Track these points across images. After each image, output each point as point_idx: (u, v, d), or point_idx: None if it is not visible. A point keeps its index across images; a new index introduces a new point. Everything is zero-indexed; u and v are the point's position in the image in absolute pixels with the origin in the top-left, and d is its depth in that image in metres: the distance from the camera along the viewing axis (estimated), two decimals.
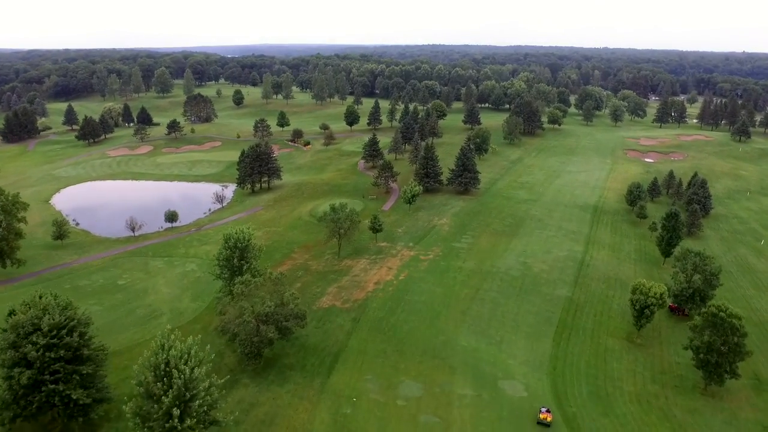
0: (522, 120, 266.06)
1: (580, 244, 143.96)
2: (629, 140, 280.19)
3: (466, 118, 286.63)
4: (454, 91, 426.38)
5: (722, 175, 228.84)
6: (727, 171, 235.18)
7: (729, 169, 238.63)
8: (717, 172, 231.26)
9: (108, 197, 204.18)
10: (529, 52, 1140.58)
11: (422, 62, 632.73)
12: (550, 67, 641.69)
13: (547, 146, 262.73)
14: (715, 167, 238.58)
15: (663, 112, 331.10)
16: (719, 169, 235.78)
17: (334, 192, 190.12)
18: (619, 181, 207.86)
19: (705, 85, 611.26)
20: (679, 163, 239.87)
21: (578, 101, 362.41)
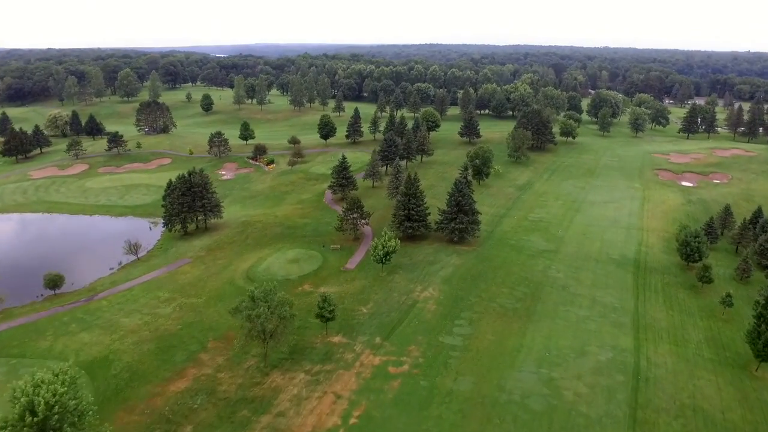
0: (530, 133, 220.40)
1: (627, 334, 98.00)
2: (657, 156, 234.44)
3: (463, 129, 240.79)
4: (450, 95, 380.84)
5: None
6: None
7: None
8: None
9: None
10: (529, 52, 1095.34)
11: (416, 62, 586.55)
12: (553, 68, 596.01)
13: (561, 165, 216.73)
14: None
15: (690, 120, 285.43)
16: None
17: (287, 236, 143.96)
18: (657, 217, 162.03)
19: (721, 87, 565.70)
20: (724, 188, 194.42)
21: (591, 107, 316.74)
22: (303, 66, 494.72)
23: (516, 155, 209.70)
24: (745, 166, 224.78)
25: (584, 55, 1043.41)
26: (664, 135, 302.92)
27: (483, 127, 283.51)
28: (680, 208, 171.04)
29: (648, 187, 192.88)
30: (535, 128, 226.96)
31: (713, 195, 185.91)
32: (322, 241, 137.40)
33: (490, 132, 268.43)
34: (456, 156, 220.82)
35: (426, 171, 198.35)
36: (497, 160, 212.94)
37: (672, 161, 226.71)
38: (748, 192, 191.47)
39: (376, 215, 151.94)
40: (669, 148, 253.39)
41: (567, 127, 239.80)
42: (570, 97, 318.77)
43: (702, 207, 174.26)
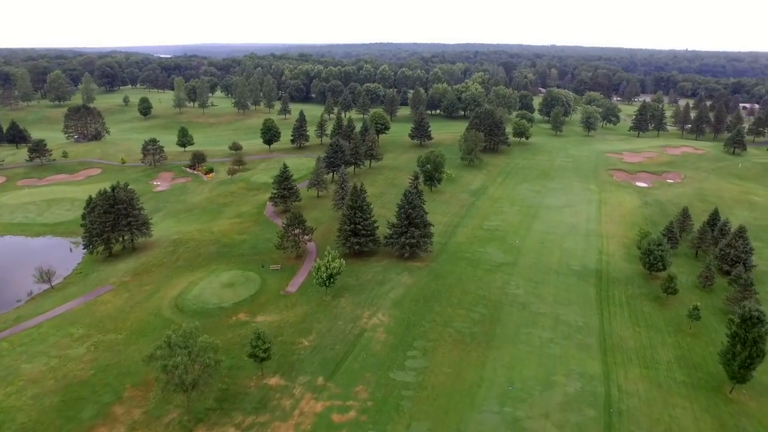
0: (483, 134, 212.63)
1: (594, 358, 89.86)
2: (611, 156, 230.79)
3: (413, 131, 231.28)
4: (400, 95, 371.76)
5: (733, 203, 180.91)
6: (737, 196, 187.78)
7: (738, 193, 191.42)
8: (726, 199, 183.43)
9: None
10: (479, 51, 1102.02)
11: (365, 62, 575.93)
12: (503, 66, 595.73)
13: (515, 167, 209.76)
14: (722, 192, 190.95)
15: (640, 119, 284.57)
16: (727, 195, 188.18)
17: (223, 256, 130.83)
18: (616, 222, 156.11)
19: (665, 84, 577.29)
20: (678, 188, 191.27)
21: (543, 106, 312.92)
22: (248, 67, 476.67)
23: (469, 158, 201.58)
24: (695, 165, 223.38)
25: (533, 53, 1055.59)
26: (616, 133, 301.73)
27: (434, 129, 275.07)
28: (637, 211, 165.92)
29: (604, 188, 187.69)
30: (487, 129, 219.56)
31: (668, 196, 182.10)
32: (261, 261, 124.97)
33: (441, 133, 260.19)
34: (407, 160, 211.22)
35: (375, 177, 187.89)
36: (449, 164, 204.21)
37: (625, 161, 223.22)
38: (701, 192, 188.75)
39: (321, 229, 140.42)
40: (621, 147, 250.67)
41: (520, 128, 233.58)
42: (522, 96, 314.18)
43: (659, 209, 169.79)
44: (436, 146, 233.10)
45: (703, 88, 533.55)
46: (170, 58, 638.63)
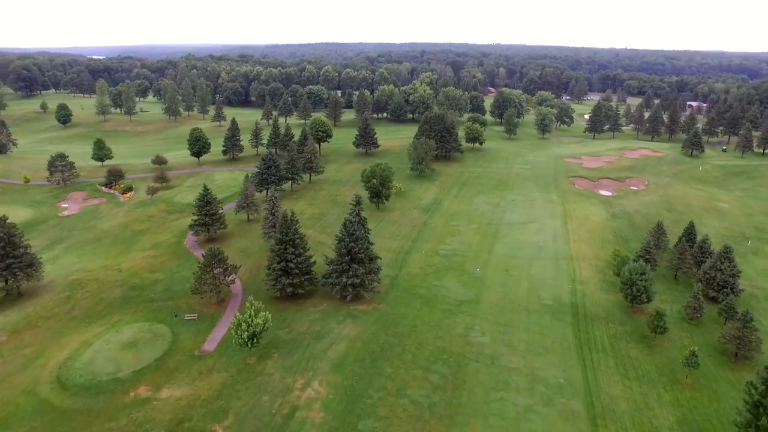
0: (434, 141, 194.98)
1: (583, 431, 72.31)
2: (570, 161, 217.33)
3: (358, 139, 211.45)
4: (345, 97, 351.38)
5: (702, 212, 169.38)
6: (704, 203, 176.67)
7: (704, 200, 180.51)
8: (694, 207, 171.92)
9: None
10: (425, 50, 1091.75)
11: (308, 63, 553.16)
12: (451, 66, 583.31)
13: (470, 177, 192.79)
14: (688, 199, 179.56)
15: (595, 120, 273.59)
16: (694, 202, 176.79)
17: (129, 302, 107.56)
18: (584, 239, 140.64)
19: (612, 83, 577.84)
20: (644, 196, 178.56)
21: (495, 107, 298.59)
22: (182, 69, 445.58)
23: (419, 168, 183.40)
24: (657, 169, 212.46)
25: (479, 52, 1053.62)
26: (570, 134, 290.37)
27: (381, 135, 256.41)
28: (605, 225, 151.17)
29: (567, 199, 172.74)
30: (438, 135, 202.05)
31: (635, 205, 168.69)
32: (174, 309, 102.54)
33: (389, 140, 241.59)
34: (351, 172, 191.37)
35: (315, 194, 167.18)
36: (398, 175, 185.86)
37: (585, 166, 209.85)
38: (667, 199, 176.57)
39: (249, 263, 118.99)
40: (579, 151, 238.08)
41: (473, 133, 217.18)
42: (472, 97, 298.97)
43: (627, 221, 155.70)
44: (383, 155, 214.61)
45: (649, 87, 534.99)
46: (100, 60, 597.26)
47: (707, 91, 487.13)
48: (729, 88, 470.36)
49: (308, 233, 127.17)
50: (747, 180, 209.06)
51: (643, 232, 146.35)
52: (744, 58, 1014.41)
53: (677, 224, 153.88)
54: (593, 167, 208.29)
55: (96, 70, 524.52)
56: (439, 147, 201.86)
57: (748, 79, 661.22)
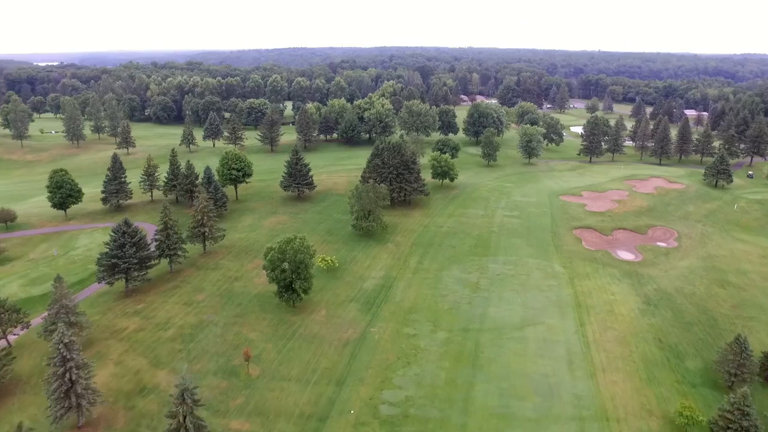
0: (389, 181, 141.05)
1: None
2: (568, 201, 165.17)
3: (286, 178, 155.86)
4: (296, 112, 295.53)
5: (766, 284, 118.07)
6: (763, 269, 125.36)
7: (759, 260, 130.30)
8: (752, 276, 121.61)
9: None
10: (395, 54, 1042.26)
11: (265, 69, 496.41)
12: (420, 71, 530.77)
13: (437, 233, 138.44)
14: (739, 260, 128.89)
15: (592, 140, 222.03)
16: (748, 266, 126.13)
17: None
18: (617, 363, 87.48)
19: (594, 88, 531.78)
20: (681, 260, 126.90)
21: (468, 125, 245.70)
22: (106, 81, 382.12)
23: (364, 226, 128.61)
24: (682, 210, 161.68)
25: (451, 56, 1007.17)
26: (561, 156, 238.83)
27: (326, 164, 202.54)
28: (642, 324, 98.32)
29: (575, 269, 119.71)
30: (394, 173, 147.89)
31: (673, 279, 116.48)
32: None
33: (334, 172, 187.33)
34: (271, 230, 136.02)
35: (204, 278, 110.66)
36: (337, 234, 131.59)
37: (590, 209, 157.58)
38: (712, 263, 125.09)
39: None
40: (577, 183, 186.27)
41: (442, 166, 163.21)
42: (442, 112, 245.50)
43: (671, 313, 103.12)
44: (323, 198, 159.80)
45: (635, 92, 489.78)
46: (23, 68, 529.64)
47: (699, 97, 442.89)
48: (725, 94, 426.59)
49: (157, 379, 71.89)
50: None
51: (699, 333, 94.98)
52: (719, 60, 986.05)
53: (741, 311, 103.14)
54: (601, 210, 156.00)
55: (16, 81, 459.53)
56: (395, 189, 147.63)
57: (733, 82, 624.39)
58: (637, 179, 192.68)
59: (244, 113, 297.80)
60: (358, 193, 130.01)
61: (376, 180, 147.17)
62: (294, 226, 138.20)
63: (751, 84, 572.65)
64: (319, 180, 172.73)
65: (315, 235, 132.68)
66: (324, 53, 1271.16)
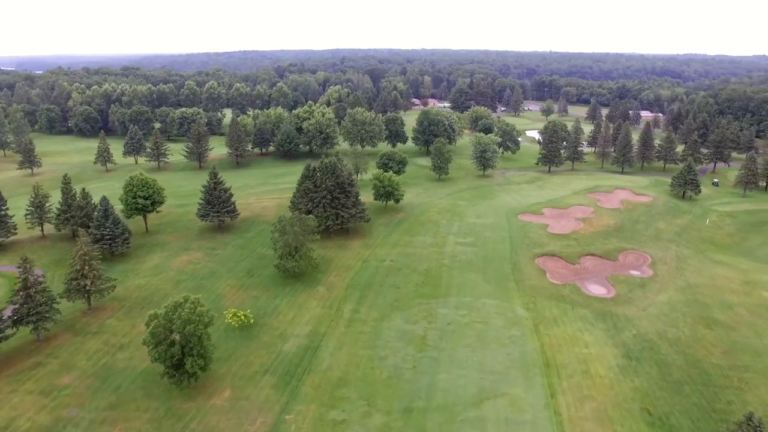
0: (323, 209, 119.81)
1: None
2: (528, 220, 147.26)
3: (203, 206, 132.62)
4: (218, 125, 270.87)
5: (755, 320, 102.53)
6: (748, 299, 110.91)
7: (741, 287, 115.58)
8: (738, 310, 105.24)
9: None
10: (347, 56, 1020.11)
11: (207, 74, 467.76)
12: (370, 75, 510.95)
13: (378, 270, 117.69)
14: (721, 289, 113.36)
15: (551, 147, 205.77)
16: (732, 297, 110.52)
17: None
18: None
19: (547, 90, 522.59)
20: (659, 293, 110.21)
21: (418, 133, 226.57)
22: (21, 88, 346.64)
23: (289, 268, 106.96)
24: (652, 228, 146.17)
25: (403, 58, 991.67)
26: (518, 165, 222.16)
27: (258, 183, 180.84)
28: (623, 387, 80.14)
29: (540, 312, 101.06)
30: (329, 197, 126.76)
31: (653, 319, 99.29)
32: None
33: (264, 193, 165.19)
34: (179, 274, 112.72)
35: (76, 351, 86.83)
36: (259, 274, 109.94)
37: (553, 230, 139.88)
38: (693, 296, 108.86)
39: None
40: (537, 198, 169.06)
41: (386, 186, 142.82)
42: (389, 120, 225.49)
43: (656, 368, 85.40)
44: (248, 227, 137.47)
45: (589, 93, 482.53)
46: None
47: (653, 98, 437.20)
48: (677, 95, 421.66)
49: None
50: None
51: (692, 396, 78.54)
52: (665, 60, 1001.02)
53: (734, 358, 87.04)
54: (565, 232, 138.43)
55: None
56: (330, 216, 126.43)
57: (682, 82, 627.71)
58: (600, 191, 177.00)
59: (175, 123, 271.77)
60: (281, 227, 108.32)
61: (307, 206, 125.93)
62: (208, 267, 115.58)
63: (699, 84, 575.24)
64: (246, 204, 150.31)
65: (231, 278, 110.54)
66: (275, 56, 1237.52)
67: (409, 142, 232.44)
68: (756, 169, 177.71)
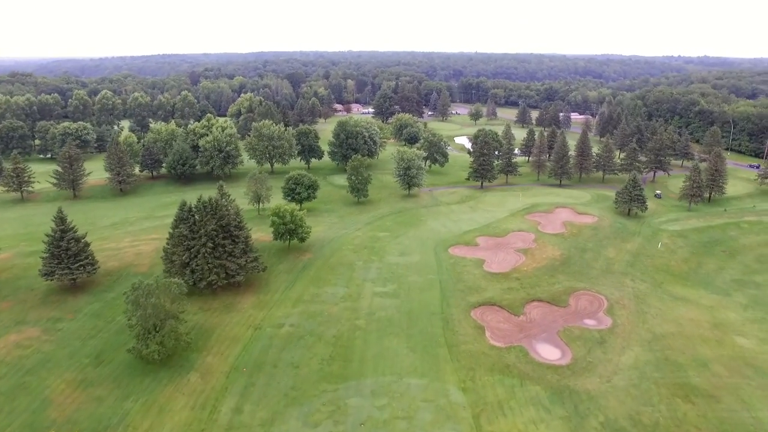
0: (204, 260, 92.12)
1: None
2: (461, 255, 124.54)
3: (48, 261, 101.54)
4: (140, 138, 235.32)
5: (735, 376, 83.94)
6: (723, 352, 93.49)
7: (712, 334, 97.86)
8: (718, 372, 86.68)
9: None
10: (270, 59, 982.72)
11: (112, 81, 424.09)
12: (290, 79, 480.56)
13: (273, 341, 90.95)
14: (690, 338, 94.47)
15: (482, 161, 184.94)
16: (706, 350, 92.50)
17: None
18: None
19: (475, 92, 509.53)
20: (623, 352, 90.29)
21: (335, 146, 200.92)
22: None
23: (146, 354, 78.76)
24: (601, 257, 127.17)
25: (329, 60, 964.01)
26: (446, 178, 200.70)
27: (142, 213, 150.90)
28: None
29: (482, 397, 77.72)
30: (210, 244, 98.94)
31: (621, 396, 78.46)
32: None
33: (142, 233, 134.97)
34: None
35: None
36: (111, 360, 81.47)
37: (491, 268, 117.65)
38: (662, 353, 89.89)
39: None
40: (470, 224, 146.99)
41: (287, 223, 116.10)
42: (301, 134, 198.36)
43: None
44: (112, 282, 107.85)
45: (517, 96, 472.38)
46: None
47: (580, 99, 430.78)
48: (603, 96, 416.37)
49: None
50: (729, 260, 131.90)
51: None
52: (586, 61, 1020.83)
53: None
54: (505, 270, 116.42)
55: None
56: (213, 268, 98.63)
57: (605, 82, 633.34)
58: (540, 211, 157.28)
59: (57, 141, 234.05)
60: (134, 298, 79.82)
61: (182, 257, 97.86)
62: (41, 352, 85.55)
63: (621, 84, 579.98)
64: (115, 250, 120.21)
65: (71, 369, 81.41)
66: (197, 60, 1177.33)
67: (325, 157, 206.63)
68: (701, 180, 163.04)
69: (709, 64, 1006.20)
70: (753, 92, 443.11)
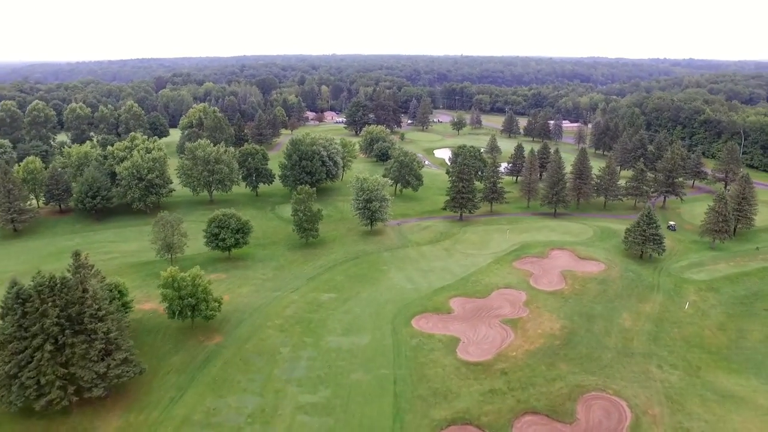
0: (32, 371, 59.81)
1: None
2: (427, 333, 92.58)
3: None
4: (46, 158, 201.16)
5: None
6: None
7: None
8: None
9: None
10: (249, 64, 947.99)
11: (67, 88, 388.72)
12: (260, 85, 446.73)
13: None
14: None
15: (462, 187, 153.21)
16: None
17: None
18: None
19: (459, 98, 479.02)
20: None
21: (286, 170, 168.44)
22: None
23: None
24: (615, 331, 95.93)
25: (310, 64, 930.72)
26: (419, 206, 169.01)
27: (31, 262, 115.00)
28: None
29: None
30: (50, 345, 66.27)
31: None
32: None
33: None
34: None
35: None
36: None
37: (467, 355, 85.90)
38: None
39: None
40: (442, 277, 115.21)
41: (183, 297, 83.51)
42: (245, 156, 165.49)
43: None
44: None
45: (503, 102, 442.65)
46: None
47: (571, 106, 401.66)
48: (595, 102, 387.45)
49: None
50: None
51: None
52: (573, 64, 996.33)
53: None
54: (486, 358, 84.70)
55: None
56: (53, 382, 65.98)
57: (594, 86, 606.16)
58: (532, 255, 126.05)
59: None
60: None
61: (5, 367, 65.28)
62: None
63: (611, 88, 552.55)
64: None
65: None
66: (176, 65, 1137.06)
67: (277, 181, 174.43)
68: (727, 212, 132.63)
69: (696, 66, 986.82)
70: (750, 97, 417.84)
